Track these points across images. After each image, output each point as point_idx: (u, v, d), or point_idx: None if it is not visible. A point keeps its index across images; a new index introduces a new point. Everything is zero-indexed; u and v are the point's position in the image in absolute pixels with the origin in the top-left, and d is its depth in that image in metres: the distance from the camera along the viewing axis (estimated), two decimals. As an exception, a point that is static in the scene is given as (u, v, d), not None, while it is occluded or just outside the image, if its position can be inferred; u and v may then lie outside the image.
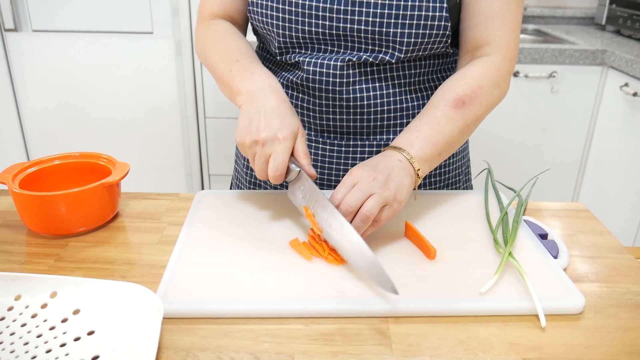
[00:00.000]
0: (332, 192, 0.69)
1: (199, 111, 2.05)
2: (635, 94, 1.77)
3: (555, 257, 0.71)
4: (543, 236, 0.76)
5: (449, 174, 0.95)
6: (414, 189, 0.74)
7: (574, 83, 1.99)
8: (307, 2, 0.78)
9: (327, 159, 0.89)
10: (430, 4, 0.76)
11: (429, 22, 0.77)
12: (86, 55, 1.92)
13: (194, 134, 2.07)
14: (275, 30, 0.82)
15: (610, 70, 1.94)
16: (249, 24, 0.92)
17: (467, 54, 0.84)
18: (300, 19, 0.79)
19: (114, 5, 1.84)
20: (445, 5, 0.76)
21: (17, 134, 2.04)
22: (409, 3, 0.76)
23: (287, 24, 0.80)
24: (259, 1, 0.81)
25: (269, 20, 0.81)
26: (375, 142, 0.87)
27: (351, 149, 0.87)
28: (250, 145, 0.71)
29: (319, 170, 0.90)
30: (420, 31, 0.78)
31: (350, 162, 0.88)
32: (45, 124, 2.03)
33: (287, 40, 0.82)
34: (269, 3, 0.80)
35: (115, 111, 2.00)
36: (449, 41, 0.81)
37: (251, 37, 0.90)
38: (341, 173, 0.89)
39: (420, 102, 0.87)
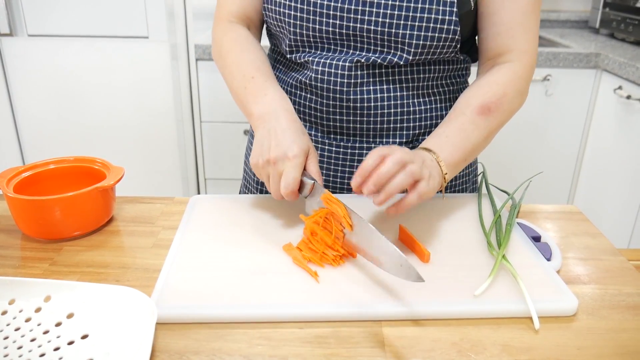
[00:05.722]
0: (360, 165, 0.67)
1: (194, 115, 2.05)
2: (628, 97, 1.78)
3: (549, 260, 0.71)
4: (536, 239, 0.77)
5: (459, 180, 0.95)
6: (440, 191, 0.74)
7: (568, 86, 2.00)
8: (318, 1, 0.78)
9: (332, 160, 0.89)
10: (440, 8, 0.77)
11: (437, 26, 0.77)
12: (82, 60, 1.92)
13: (189, 137, 2.07)
14: (287, 27, 0.82)
15: (604, 73, 1.95)
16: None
17: (489, 61, 0.85)
18: (312, 17, 0.80)
19: (110, 10, 1.84)
20: (455, 10, 0.77)
21: (12, 138, 2.03)
22: (419, 5, 0.76)
23: (299, 22, 0.81)
24: None
25: (283, 18, 0.82)
26: (380, 145, 0.87)
27: (357, 150, 0.88)
28: (263, 165, 0.72)
29: (324, 171, 0.90)
30: (429, 34, 0.78)
31: (355, 164, 0.88)
32: (40, 128, 2.02)
33: (298, 38, 0.83)
34: (283, 1, 0.81)
35: (111, 115, 2.00)
36: (458, 47, 0.82)
37: (265, 41, 0.91)
38: (346, 175, 0.89)
39: (428, 107, 0.87)
